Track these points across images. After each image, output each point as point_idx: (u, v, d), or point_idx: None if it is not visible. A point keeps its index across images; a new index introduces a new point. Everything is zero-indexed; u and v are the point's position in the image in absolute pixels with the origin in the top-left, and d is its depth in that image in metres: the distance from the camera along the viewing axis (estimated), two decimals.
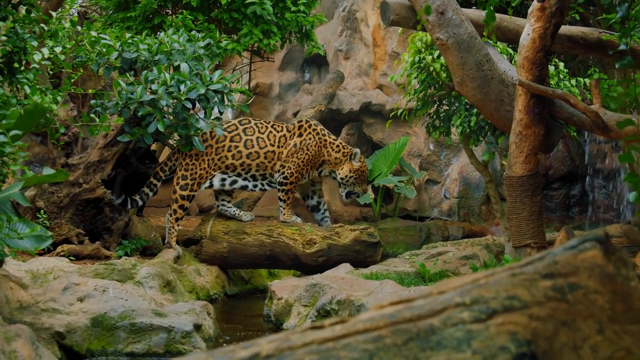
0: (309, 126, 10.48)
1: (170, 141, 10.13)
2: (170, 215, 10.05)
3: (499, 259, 9.22)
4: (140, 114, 8.90)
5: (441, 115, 9.89)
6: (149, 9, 11.78)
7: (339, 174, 10.54)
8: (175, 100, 9.00)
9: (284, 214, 10.37)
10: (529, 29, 7.65)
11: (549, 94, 7.68)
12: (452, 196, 14.22)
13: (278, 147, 10.32)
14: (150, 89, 9.03)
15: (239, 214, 10.30)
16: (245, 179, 10.31)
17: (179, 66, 9.29)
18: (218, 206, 10.44)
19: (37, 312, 6.77)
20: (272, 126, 10.46)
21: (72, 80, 8.92)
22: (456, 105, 9.58)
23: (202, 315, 7.35)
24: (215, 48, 10.44)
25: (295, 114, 15.48)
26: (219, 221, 10.22)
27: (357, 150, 10.69)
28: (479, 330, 1.85)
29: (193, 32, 9.97)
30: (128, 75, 9.32)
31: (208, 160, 10.12)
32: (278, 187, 10.35)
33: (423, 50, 9.28)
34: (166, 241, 10.06)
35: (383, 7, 8.67)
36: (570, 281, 1.97)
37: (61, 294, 7.13)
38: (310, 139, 10.36)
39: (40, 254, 8.96)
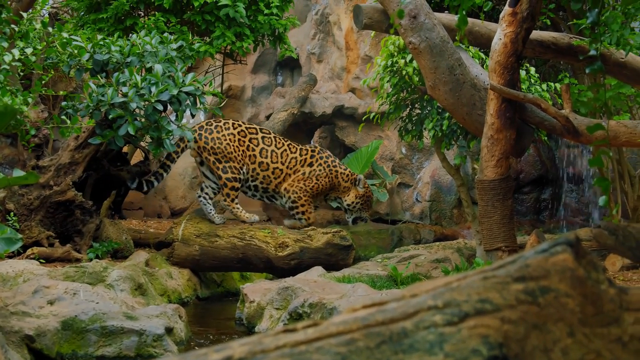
0: (320, 157, 10.50)
1: (142, 143, 10.09)
2: (225, 200, 10.19)
3: (471, 262, 9.26)
4: (111, 116, 8.83)
5: (413, 119, 9.92)
6: (121, 10, 11.73)
7: (345, 200, 10.62)
8: (146, 102, 8.95)
9: (298, 223, 10.32)
10: (500, 33, 7.69)
11: (521, 98, 7.73)
12: (424, 199, 14.27)
13: (287, 167, 10.37)
14: (122, 91, 8.98)
15: (213, 215, 10.31)
16: (248, 186, 10.39)
17: (150, 68, 9.25)
18: (199, 196, 10.49)
19: (6, 316, 6.71)
20: (288, 145, 10.51)
21: (43, 82, 8.87)
22: (428, 109, 9.61)
23: (174, 318, 7.32)
24: (188, 50, 10.41)
25: (267, 117, 15.48)
26: (191, 224, 10.18)
27: (361, 176, 10.77)
28: (451, 333, 1.86)
29: (165, 34, 9.93)
30: (99, 77, 9.26)
31: (234, 146, 10.20)
32: (290, 212, 10.42)
33: (395, 54, 9.31)
34: (235, 218, 10.32)
35: (356, 11, 8.69)
36: (542, 284, 1.99)
37: (31, 297, 7.07)
38: (320, 170, 10.39)
39: (9, 257, 8.88)
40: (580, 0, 8.72)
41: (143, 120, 9.06)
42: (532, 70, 9.50)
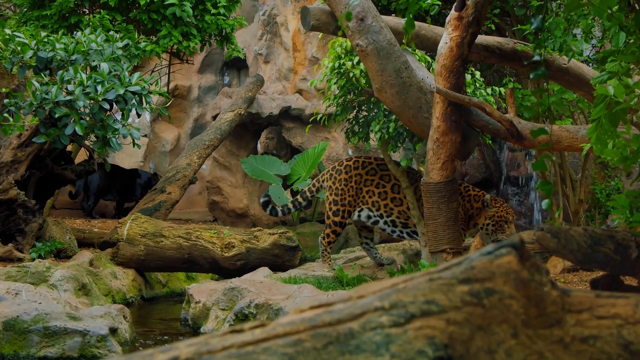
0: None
1: (87, 142, 9.98)
2: (323, 238, 9.82)
3: (416, 264, 9.32)
4: (57, 115, 8.73)
5: (360, 120, 9.96)
6: (66, 7, 11.58)
7: (478, 223, 9.59)
8: (92, 101, 8.86)
9: None
10: (446, 37, 7.76)
11: (466, 102, 7.81)
12: None
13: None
14: (66, 89, 8.88)
15: (380, 258, 9.93)
16: (385, 222, 9.86)
17: (96, 67, 9.16)
18: (362, 243, 10.15)
19: None
20: None
21: None
22: (375, 111, 9.65)
23: (118, 318, 7.25)
24: (134, 49, 10.32)
25: (214, 117, 15.42)
26: (136, 224, 10.08)
27: (487, 195, 9.82)
28: (397, 334, 1.88)
29: (111, 33, 9.83)
30: (43, 74, 9.14)
31: (356, 188, 9.83)
32: None
33: (343, 56, 9.33)
34: (320, 260, 9.93)
35: (303, 12, 8.70)
36: (487, 286, 2.02)
37: None
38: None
39: None
40: (525, 7, 8.86)
41: (88, 119, 8.97)
42: (477, 74, 9.59)
